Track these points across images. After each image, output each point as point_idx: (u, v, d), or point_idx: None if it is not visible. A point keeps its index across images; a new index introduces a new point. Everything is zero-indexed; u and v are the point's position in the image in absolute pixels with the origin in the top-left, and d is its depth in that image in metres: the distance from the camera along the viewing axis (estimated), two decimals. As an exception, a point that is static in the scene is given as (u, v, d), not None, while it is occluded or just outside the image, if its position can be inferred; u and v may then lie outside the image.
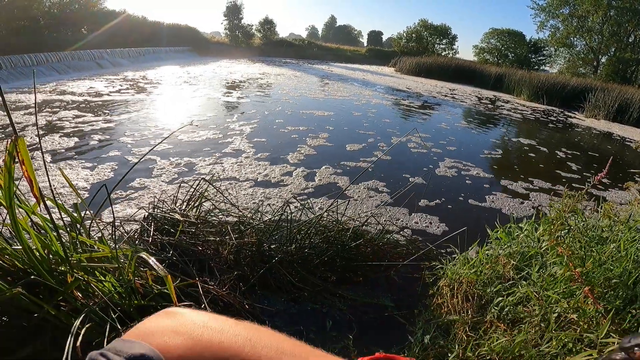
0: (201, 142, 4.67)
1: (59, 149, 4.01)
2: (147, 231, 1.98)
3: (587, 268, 1.15)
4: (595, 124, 10.32)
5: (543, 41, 29.50)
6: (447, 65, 19.47)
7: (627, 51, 23.96)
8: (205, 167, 3.83)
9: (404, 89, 13.20)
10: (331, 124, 6.32)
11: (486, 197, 3.75)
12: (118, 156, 3.91)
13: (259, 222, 2.13)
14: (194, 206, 2.22)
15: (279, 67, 17.57)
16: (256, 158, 4.26)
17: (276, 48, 28.06)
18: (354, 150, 4.88)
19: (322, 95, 9.57)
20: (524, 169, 4.98)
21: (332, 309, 1.85)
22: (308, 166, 4.10)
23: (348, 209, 3.01)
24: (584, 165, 5.59)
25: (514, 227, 1.69)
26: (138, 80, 9.96)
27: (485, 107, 11.04)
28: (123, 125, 5.16)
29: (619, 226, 1.31)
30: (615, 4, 23.04)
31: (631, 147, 7.73)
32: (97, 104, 6.42)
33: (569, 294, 1.21)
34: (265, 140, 4.97)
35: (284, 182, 3.62)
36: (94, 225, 2.03)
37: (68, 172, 3.38)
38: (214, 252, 2.03)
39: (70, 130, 4.72)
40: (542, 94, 13.59)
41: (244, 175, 3.70)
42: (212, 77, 11.86)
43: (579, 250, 1.24)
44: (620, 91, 11.52)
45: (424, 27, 33.91)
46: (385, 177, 3.92)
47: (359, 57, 31.29)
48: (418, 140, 5.59)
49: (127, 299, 1.46)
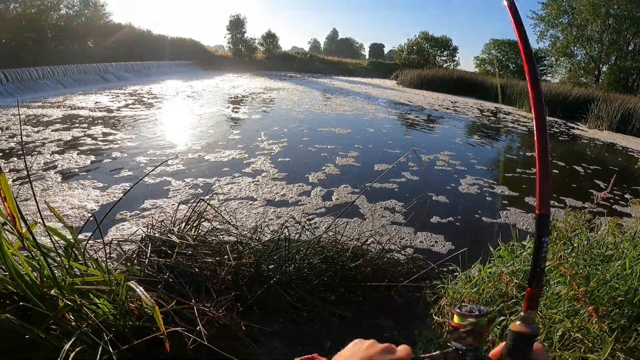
0: (213, 162, 4.58)
1: (68, 166, 4.02)
2: (144, 252, 1.96)
3: (591, 287, 1.12)
4: (598, 134, 10.27)
5: (543, 51, 29.59)
6: (449, 77, 19.56)
7: (627, 59, 23.95)
8: (223, 186, 3.77)
9: (406, 102, 13.26)
10: (357, 141, 6.21)
11: (493, 213, 3.72)
12: (126, 177, 3.88)
13: (257, 243, 2.10)
14: (192, 226, 2.20)
15: (282, 81, 17.78)
16: (282, 178, 4.17)
17: (279, 62, 28.38)
18: (382, 170, 4.75)
19: (328, 110, 9.57)
20: (531, 183, 4.94)
21: (331, 329, 1.81)
22: (353, 184, 4.05)
23: (353, 228, 2.99)
24: (589, 179, 5.54)
25: (517, 245, 1.66)
26: (143, 95, 10.10)
27: (488, 119, 11.03)
28: (131, 143, 5.16)
29: (624, 244, 1.27)
30: (614, 12, 23.10)
31: (634, 157, 7.66)
32: (104, 120, 6.48)
33: (573, 312, 1.18)
34: (290, 160, 4.88)
35: (321, 205, 3.53)
36: (92, 247, 2.01)
37: (79, 191, 3.36)
38: (212, 273, 2.00)
39: (78, 147, 4.74)
40: (545, 105, 13.57)
41: (260, 195, 3.64)
42: (216, 92, 12.01)
43: (583, 269, 1.20)
44: (622, 101, 11.50)
45: (424, 39, 34.25)
46: (406, 196, 3.85)
47: (361, 70, 31.61)
48: (446, 159, 5.52)
49: (121, 321, 1.43)
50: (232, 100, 10.34)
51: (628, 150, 8.35)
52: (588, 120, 11.90)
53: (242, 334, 1.70)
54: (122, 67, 14.52)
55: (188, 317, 1.66)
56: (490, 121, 10.73)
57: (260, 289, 1.89)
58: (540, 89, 0.49)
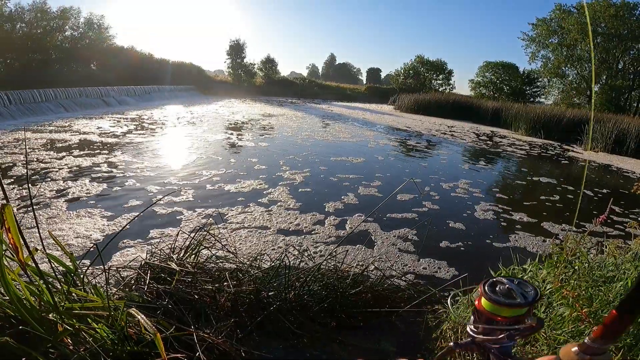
0: (230, 192, 4.55)
1: (74, 194, 4.03)
2: (143, 279, 1.95)
3: (595, 307, 1.12)
4: (594, 156, 10.38)
5: (536, 72, 30.26)
6: (444, 101, 19.87)
7: (618, 78, 24.45)
8: (236, 215, 3.75)
9: (404, 128, 13.46)
10: (369, 170, 6.18)
11: (491, 236, 3.72)
12: (132, 207, 3.87)
13: (257, 270, 2.10)
14: (192, 253, 2.21)
15: (281, 107, 18.12)
16: (302, 209, 4.12)
17: (277, 87, 28.87)
18: (405, 200, 4.66)
19: (331, 138, 9.57)
20: (530, 207, 4.95)
21: (332, 355, 1.78)
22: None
23: (355, 255, 2.97)
24: (587, 201, 5.57)
25: (517, 270, 1.65)
26: (144, 121, 10.27)
27: (485, 144, 11.15)
28: (137, 171, 5.17)
29: (625, 265, 1.28)
30: (601, 30, 23.76)
31: (630, 178, 7.72)
32: (108, 146, 6.55)
33: (578, 333, 1.17)
34: (312, 189, 4.84)
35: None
36: (92, 274, 2.01)
37: (86, 219, 3.36)
38: (211, 299, 1.98)
39: (84, 174, 4.76)
40: (540, 127, 13.74)
41: (275, 224, 3.62)
42: (216, 118, 12.21)
43: (585, 290, 1.20)
44: (616, 122, 11.64)
45: (420, 63, 34.99)
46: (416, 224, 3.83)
47: (359, 95, 32.24)
48: (465, 187, 5.54)
49: (119, 346, 1.43)
50: (232, 126, 10.49)
51: (623, 171, 8.43)
52: (583, 142, 12.03)
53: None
54: (123, 91, 14.81)
55: (187, 343, 1.64)
56: (488, 145, 10.85)
57: (260, 315, 1.87)
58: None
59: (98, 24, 20.72)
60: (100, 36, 20.46)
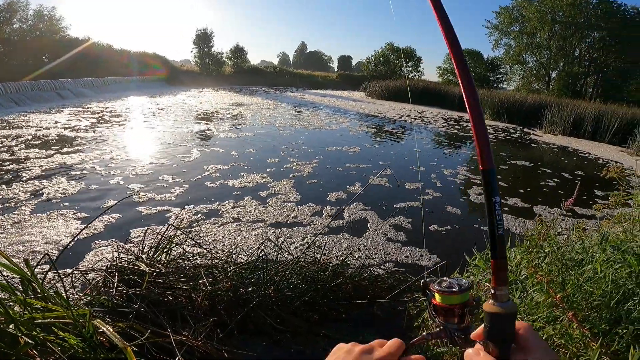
0: (234, 187, 4.45)
1: (43, 195, 3.73)
2: (111, 282, 1.85)
3: (567, 292, 1.16)
4: (553, 139, 10.99)
5: (499, 59, 31.55)
6: (414, 87, 20.26)
7: (574, 65, 25.90)
8: (230, 210, 3.62)
9: (376, 114, 13.60)
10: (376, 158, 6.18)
11: (479, 220, 3.83)
12: (100, 206, 3.67)
13: (233, 267, 2.04)
14: (162, 252, 2.11)
15: (251, 96, 17.69)
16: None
17: (247, 76, 28.21)
18: (412, 188, 4.73)
19: (307, 126, 9.57)
20: (511, 190, 5.18)
21: (316, 349, 1.78)
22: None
23: (333, 246, 2.96)
24: (551, 183, 5.89)
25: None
26: (104, 113, 9.67)
27: (454, 128, 11.52)
28: (99, 166, 4.87)
29: (593, 248, 1.33)
30: (559, 18, 24.97)
31: (587, 158, 8.26)
32: (67, 142, 6.10)
33: (553, 319, 1.21)
34: (318, 181, 4.77)
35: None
36: (54, 279, 1.87)
37: (58, 222, 3.12)
38: (187, 299, 1.91)
39: (40, 173, 4.41)
40: (503, 112, 14.37)
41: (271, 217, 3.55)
42: (183, 108, 11.72)
43: (557, 275, 1.25)
44: (573, 106, 12.38)
45: (390, 51, 35.45)
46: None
47: (330, 82, 32.12)
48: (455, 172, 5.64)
49: (91, 354, 1.35)
50: (202, 117, 10.12)
51: (580, 153, 9.00)
52: (543, 125, 12.71)
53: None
54: (80, 83, 13.88)
55: (165, 348, 1.58)
56: (457, 129, 11.22)
57: (239, 313, 1.83)
58: (466, 66, 0.45)
59: (49, 15, 19.84)
60: (51, 28, 19.45)
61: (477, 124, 0.44)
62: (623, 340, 1.09)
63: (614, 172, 1.20)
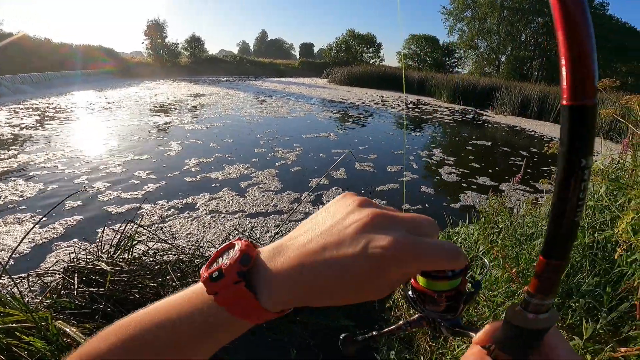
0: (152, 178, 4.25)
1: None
2: (71, 283, 1.75)
3: (521, 267, 1.25)
4: (503, 120, 11.68)
5: (454, 44, 32.76)
6: (375, 73, 20.68)
7: (521, 49, 27.52)
8: (207, 203, 3.50)
9: (339, 99, 13.66)
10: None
11: (448, 198, 3.99)
12: (63, 208, 3.39)
13: (201, 260, 2.00)
14: (124, 250, 2.02)
15: (210, 86, 17.02)
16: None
17: (206, 66, 27.16)
18: (394, 171, 4.93)
19: (267, 113, 9.40)
20: (458, 164, 5.45)
21: (293, 337, 1.80)
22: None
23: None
24: (501, 159, 6.28)
25: (452, 232, 1.80)
26: (48, 110, 8.88)
27: (414, 111, 11.88)
28: (44, 165, 4.50)
29: (542, 221, 1.43)
30: (507, 4, 26.30)
31: (534, 136, 8.90)
32: (11, 142, 5.53)
33: (511, 294, 1.27)
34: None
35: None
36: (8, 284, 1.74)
37: (14, 227, 2.84)
38: (155, 296, 1.86)
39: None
40: (459, 95, 15.05)
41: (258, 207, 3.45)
42: (136, 101, 11.04)
43: (511, 250, 1.34)
44: (521, 88, 13.20)
45: (351, 37, 35.66)
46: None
47: (293, 70, 31.70)
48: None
49: (59, 356, 1.30)
50: (158, 109, 9.60)
51: (527, 131, 9.67)
52: (495, 107, 13.46)
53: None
54: (17, 79, 12.60)
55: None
56: (418, 112, 11.58)
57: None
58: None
59: (-26, 9, 17.77)
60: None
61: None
62: (576, 314, 1.13)
63: (554, 149, 1.29)
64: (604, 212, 1.15)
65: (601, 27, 24.91)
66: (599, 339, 1.06)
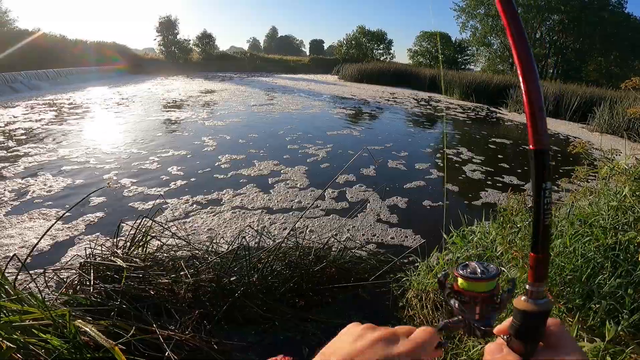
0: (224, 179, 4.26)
1: (19, 194, 3.49)
2: (87, 279, 1.79)
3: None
4: (517, 118, 11.45)
5: (466, 41, 32.23)
6: (386, 70, 20.45)
7: (536, 47, 26.90)
8: (232, 199, 3.52)
9: (350, 96, 13.59)
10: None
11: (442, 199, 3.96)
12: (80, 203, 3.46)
13: (215, 256, 2.02)
14: (138, 246, 2.05)
15: (222, 82, 17.12)
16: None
17: (217, 62, 27.26)
18: (422, 169, 4.96)
19: (280, 109, 9.41)
20: (484, 163, 5.39)
21: (305, 334, 1.80)
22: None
23: (314, 230, 2.97)
24: (519, 157, 6.16)
25: (467, 231, 1.78)
26: (64, 105, 9.07)
27: (425, 108, 11.73)
28: (63, 160, 4.58)
29: (562, 222, 1.38)
30: (522, 1, 25.71)
31: (551, 135, 8.70)
32: (30, 138, 5.66)
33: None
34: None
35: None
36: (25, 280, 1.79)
37: (39, 223, 2.92)
38: (169, 293, 1.88)
39: (21, 170, 4.14)
40: (471, 92, 14.81)
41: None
42: (149, 97, 11.18)
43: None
44: (535, 86, 12.89)
45: (362, 34, 35.39)
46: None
47: (303, 66, 31.58)
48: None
49: (77, 354, 1.33)
50: (171, 105, 9.71)
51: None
52: (508, 105, 13.20)
53: (214, 352, 1.63)
54: (33, 75, 12.89)
55: (153, 344, 1.55)
56: (428, 109, 11.46)
57: (225, 303, 1.82)
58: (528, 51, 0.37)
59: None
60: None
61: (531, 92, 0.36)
62: (597, 316, 1.11)
63: (580, 148, 1.27)
64: (627, 213, 1.12)
65: (618, 25, 24.21)
66: (619, 340, 1.04)
